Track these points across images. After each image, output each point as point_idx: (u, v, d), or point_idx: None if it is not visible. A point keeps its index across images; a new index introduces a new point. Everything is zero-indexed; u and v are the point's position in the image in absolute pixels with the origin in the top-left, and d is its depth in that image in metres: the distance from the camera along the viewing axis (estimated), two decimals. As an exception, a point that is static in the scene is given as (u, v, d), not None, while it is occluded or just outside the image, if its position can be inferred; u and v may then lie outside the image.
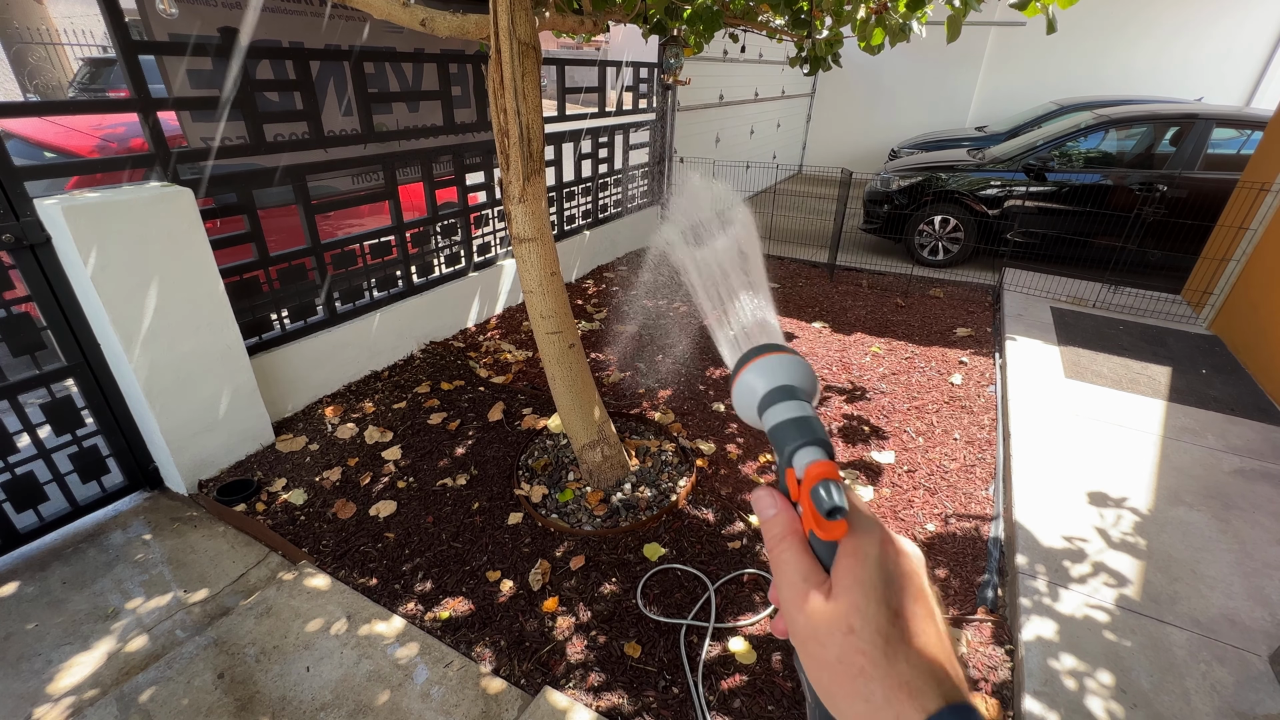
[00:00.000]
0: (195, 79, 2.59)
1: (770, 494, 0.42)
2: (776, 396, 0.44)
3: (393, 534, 2.38)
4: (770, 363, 0.47)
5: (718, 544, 2.35)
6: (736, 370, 0.49)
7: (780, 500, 0.41)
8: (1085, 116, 5.62)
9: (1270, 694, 1.75)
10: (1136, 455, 2.80)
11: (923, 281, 5.30)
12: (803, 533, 0.39)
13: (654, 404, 3.28)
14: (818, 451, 0.40)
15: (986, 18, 8.67)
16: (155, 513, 2.46)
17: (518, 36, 1.84)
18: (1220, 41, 8.11)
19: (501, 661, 1.90)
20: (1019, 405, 3.17)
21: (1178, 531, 2.35)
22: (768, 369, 0.46)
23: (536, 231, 2.14)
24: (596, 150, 5.08)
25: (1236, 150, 5.02)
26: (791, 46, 3.29)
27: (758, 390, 0.46)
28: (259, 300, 2.87)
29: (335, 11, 3.12)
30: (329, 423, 3.03)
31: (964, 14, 2.22)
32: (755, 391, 0.46)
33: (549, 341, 2.31)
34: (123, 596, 2.07)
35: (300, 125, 2.94)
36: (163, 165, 2.41)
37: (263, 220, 2.81)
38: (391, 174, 3.34)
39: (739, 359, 0.49)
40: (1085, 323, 4.26)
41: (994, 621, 2.03)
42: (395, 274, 3.58)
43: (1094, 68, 8.75)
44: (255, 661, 1.85)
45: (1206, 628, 1.95)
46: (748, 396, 0.47)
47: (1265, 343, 3.58)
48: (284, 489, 2.59)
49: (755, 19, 2.93)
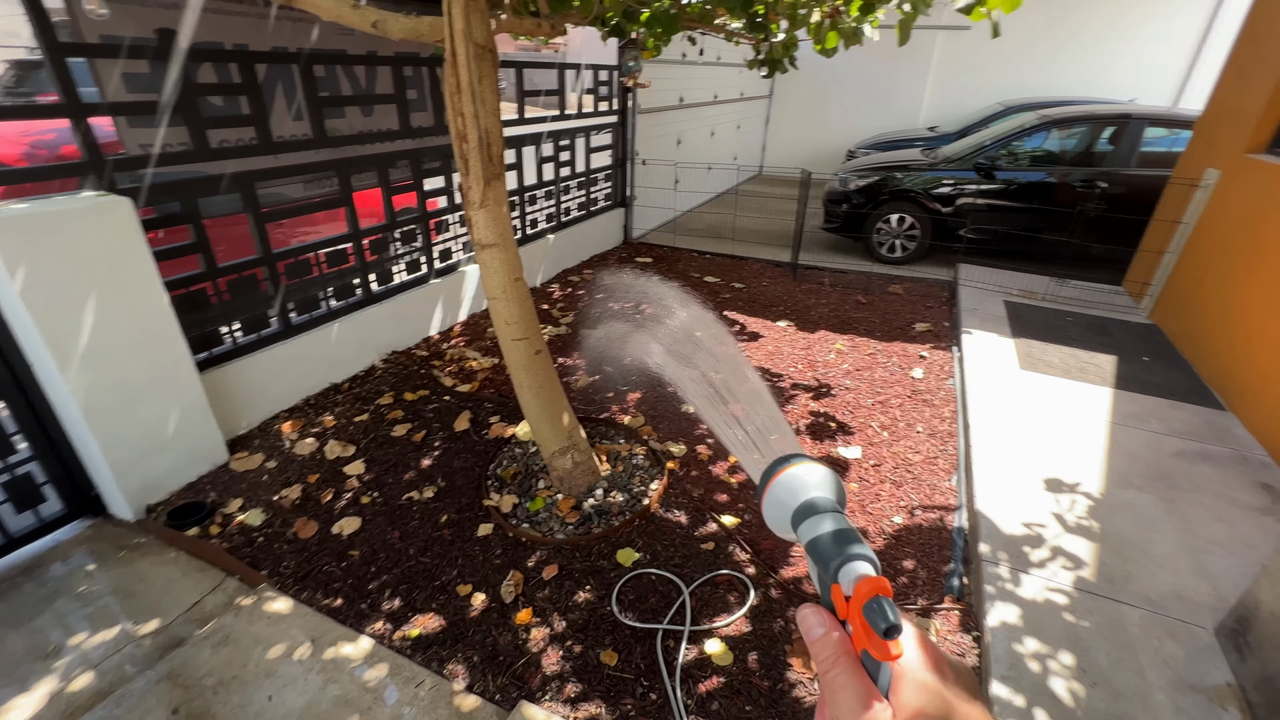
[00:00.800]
0: (131, 83, 2.46)
1: (817, 612, 0.41)
2: (810, 510, 0.44)
3: (357, 552, 2.30)
4: (798, 474, 0.47)
5: (691, 546, 2.35)
6: (764, 484, 0.49)
7: (829, 618, 0.40)
8: (1029, 117, 5.85)
9: (1217, 665, 1.84)
10: (1088, 441, 2.92)
11: (882, 279, 5.43)
12: (855, 653, 0.38)
13: (623, 408, 3.27)
14: (865, 566, 0.39)
15: (934, 22, 8.96)
16: (99, 541, 2.33)
17: (474, 39, 1.80)
18: (1147, 44, 8.56)
19: (475, 678, 1.85)
20: (977, 397, 3.27)
21: (1128, 513, 2.46)
22: (796, 482, 0.47)
23: (499, 237, 2.11)
24: (557, 153, 5.04)
25: (1168, 148, 5.30)
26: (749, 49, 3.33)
27: (789, 504, 0.46)
28: (208, 313, 2.75)
29: (282, 13, 3.01)
30: (287, 438, 2.92)
31: (914, 18, 2.28)
32: (787, 505, 0.46)
33: (515, 348, 2.27)
34: (65, 632, 1.95)
35: (247, 130, 2.83)
36: (98, 173, 2.28)
37: (209, 230, 2.69)
38: (346, 180, 3.24)
39: (764, 473, 0.49)
40: (1036, 315, 4.43)
41: (961, 609, 2.09)
42: (353, 283, 3.47)
43: (1035, 70, 9.12)
44: (213, 693, 1.76)
45: (1157, 604, 2.04)
46: (779, 510, 0.47)
47: (1199, 330, 3.79)
48: (240, 510, 2.48)
49: (712, 22, 2.95)
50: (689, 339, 0.57)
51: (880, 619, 0.35)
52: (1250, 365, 3.16)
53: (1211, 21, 8.23)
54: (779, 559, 2.30)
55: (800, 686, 1.83)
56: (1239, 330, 3.35)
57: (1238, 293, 3.44)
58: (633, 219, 6.36)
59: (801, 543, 0.44)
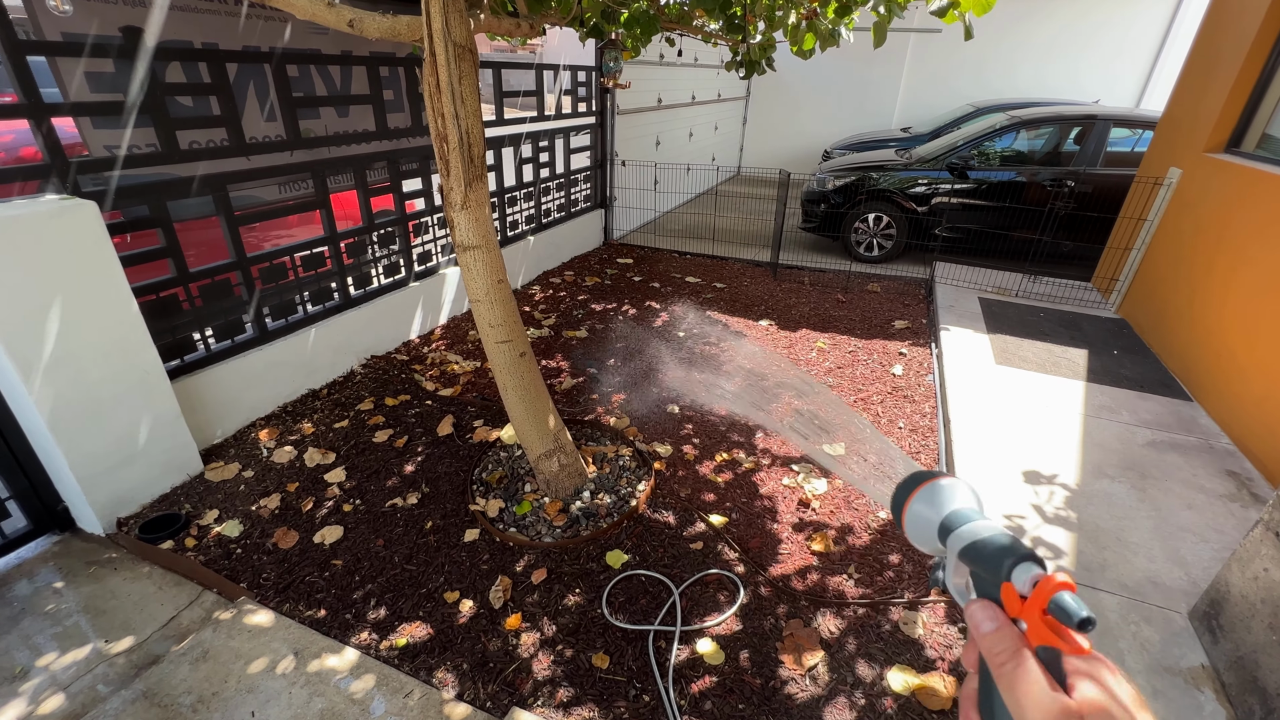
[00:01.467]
0: (96, 82, 2.39)
1: (987, 607, 0.41)
2: (959, 519, 0.47)
3: (340, 561, 2.26)
4: (934, 490, 0.50)
5: (680, 546, 2.35)
6: (901, 504, 0.52)
7: (999, 614, 0.41)
8: (1000, 118, 5.98)
9: (1192, 648, 1.90)
10: (1063, 434, 2.99)
11: (861, 277, 5.50)
12: (1032, 647, 0.39)
13: (609, 409, 3.26)
14: (1037, 566, 0.40)
15: (908, 25, 9.12)
16: (67, 557, 2.24)
17: (453, 39, 1.78)
18: (1110, 47, 8.82)
19: (465, 685, 1.83)
20: (956, 393, 3.33)
21: (1103, 503, 2.52)
22: (934, 496, 0.50)
23: (481, 239, 2.08)
24: (537, 154, 5.02)
25: (1131, 148, 5.47)
26: (727, 51, 3.35)
27: (933, 519, 0.49)
28: (180, 319, 2.67)
29: (253, 11, 2.95)
30: (264, 447, 2.85)
31: (888, 21, 2.32)
32: (931, 521, 0.49)
33: (499, 351, 2.25)
34: (32, 653, 1.87)
35: (218, 131, 2.76)
36: (61, 176, 2.20)
37: (180, 234, 2.62)
38: (322, 182, 3.18)
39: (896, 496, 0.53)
40: (1010, 311, 4.53)
41: (946, 602, 2.12)
42: (330, 286, 3.41)
43: (1004, 72, 9.34)
44: (192, 711, 1.71)
45: (1134, 591, 2.10)
46: (923, 526, 0.50)
47: (1165, 324, 3.91)
48: (216, 521, 2.41)
49: (691, 23, 2.97)
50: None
51: (1073, 613, 0.37)
52: (1213, 357, 3.28)
53: (1170, 26, 8.52)
54: (767, 557, 2.31)
55: (792, 683, 1.84)
56: (1202, 323, 3.47)
57: (1200, 287, 3.56)
58: (613, 220, 6.35)
59: (952, 552, 0.46)
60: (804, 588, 2.18)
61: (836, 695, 1.81)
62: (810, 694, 1.81)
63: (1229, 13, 3.98)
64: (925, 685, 1.83)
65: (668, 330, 4.29)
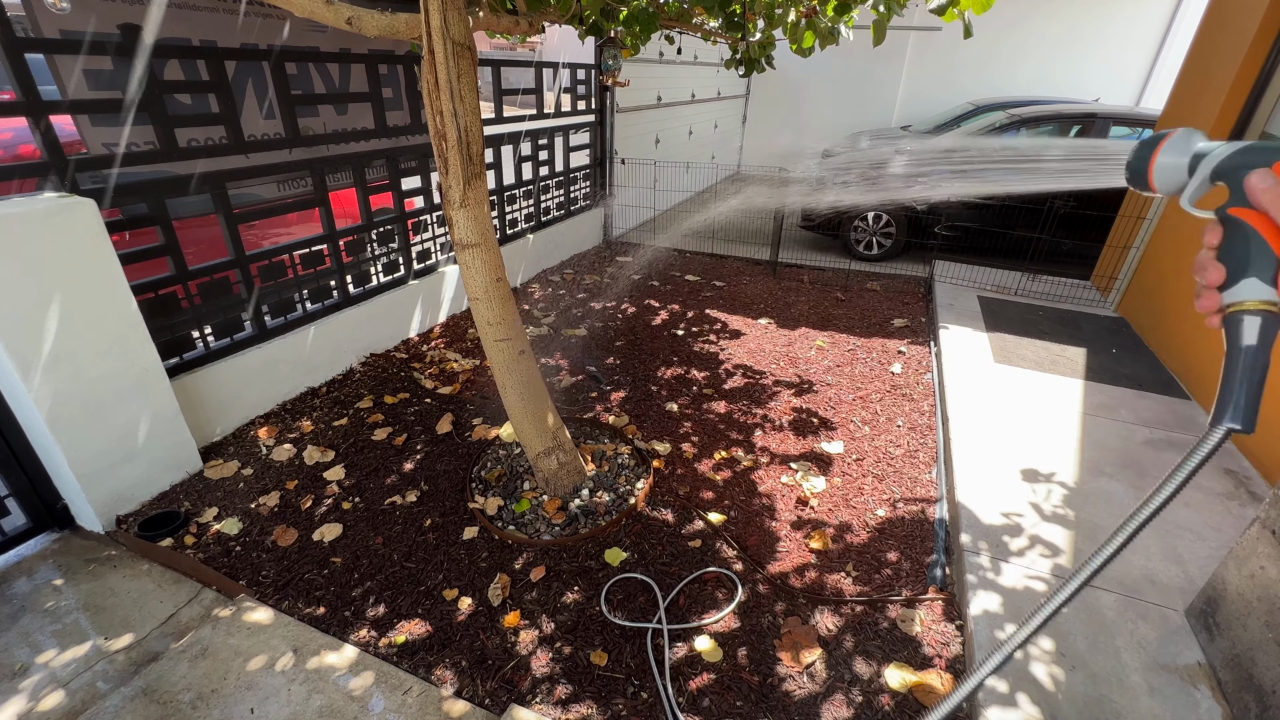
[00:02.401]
0: (94, 80, 2.38)
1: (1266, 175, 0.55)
2: (1209, 149, 0.59)
3: (340, 558, 2.26)
4: (1178, 137, 0.61)
5: (679, 544, 2.35)
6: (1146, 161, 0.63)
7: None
8: (999, 116, 5.98)
9: (1188, 646, 1.91)
10: (1061, 432, 3.00)
11: (860, 275, 5.50)
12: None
13: (607, 407, 3.26)
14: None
15: (907, 23, 9.11)
16: (67, 555, 2.25)
17: (451, 36, 1.78)
18: (1109, 46, 8.81)
19: (464, 682, 1.83)
20: (955, 391, 3.33)
21: (1101, 501, 2.53)
22: (1180, 142, 0.61)
23: (480, 237, 2.08)
24: (536, 152, 5.01)
25: (1131, 146, 5.46)
26: (726, 49, 3.35)
27: (1182, 160, 0.60)
28: (179, 317, 2.67)
29: (251, 9, 2.94)
30: (263, 445, 2.86)
31: (888, 19, 2.32)
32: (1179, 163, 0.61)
33: (498, 349, 2.25)
34: (32, 650, 1.87)
35: (217, 129, 2.76)
36: (59, 174, 2.20)
37: (179, 231, 2.61)
38: (321, 179, 3.18)
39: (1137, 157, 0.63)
40: (1009, 310, 4.53)
41: (944, 599, 2.12)
42: (329, 284, 3.41)
43: (1003, 70, 9.33)
44: (191, 708, 1.71)
45: (1131, 588, 2.11)
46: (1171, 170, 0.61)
47: (1163, 322, 3.91)
48: (215, 519, 2.42)
49: (690, 21, 2.96)
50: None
51: None
52: (1211, 355, 3.28)
53: (1170, 24, 8.51)
54: (765, 555, 2.32)
55: (790, 680, 1.85)
56: (1199, 321, 3.47)
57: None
58: (612, 218, 6.35)
59: (1204, 175, 0.59)
60: (802, 585, 2.18)
61: (834, 692, 1.82)
62: (808, 691, 1.82)
63: (1228, 11, 3.98)
64: (922, 682, 1.84)
65: (667, 328, 4.29)
